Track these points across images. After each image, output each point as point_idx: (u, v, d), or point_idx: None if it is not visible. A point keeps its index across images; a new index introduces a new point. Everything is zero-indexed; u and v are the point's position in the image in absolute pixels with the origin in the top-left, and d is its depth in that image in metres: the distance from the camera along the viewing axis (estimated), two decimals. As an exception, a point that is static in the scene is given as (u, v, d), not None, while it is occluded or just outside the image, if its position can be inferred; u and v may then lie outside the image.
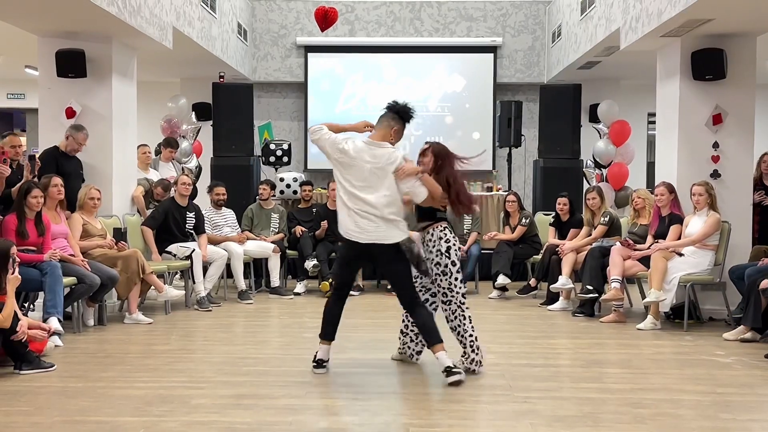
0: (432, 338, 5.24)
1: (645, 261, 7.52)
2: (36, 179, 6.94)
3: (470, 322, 5.49)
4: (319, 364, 5.44)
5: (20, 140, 7.19)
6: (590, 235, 8.47)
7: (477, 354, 5.46)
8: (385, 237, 5.24)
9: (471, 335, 5.46)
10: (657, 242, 7.55)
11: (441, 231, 5.41)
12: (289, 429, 4.22)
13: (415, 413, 4.56)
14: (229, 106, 10.85)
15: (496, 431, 4.27)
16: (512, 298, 9.09)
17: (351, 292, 9.10)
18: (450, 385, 5.07)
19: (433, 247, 5.40)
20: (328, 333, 5.50)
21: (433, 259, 5.40)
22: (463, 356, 5.47)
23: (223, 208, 9.30)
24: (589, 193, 8.68)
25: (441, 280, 5.40)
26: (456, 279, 5.40)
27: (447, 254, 5.37)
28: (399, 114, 5.46)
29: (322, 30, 9.32)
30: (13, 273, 5.49)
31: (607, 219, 8.36)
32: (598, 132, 11.08)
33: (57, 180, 6.98)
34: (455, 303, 5.42)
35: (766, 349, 6.17)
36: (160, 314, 7.86)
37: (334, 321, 5.50)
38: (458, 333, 5.48)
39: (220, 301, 8.63)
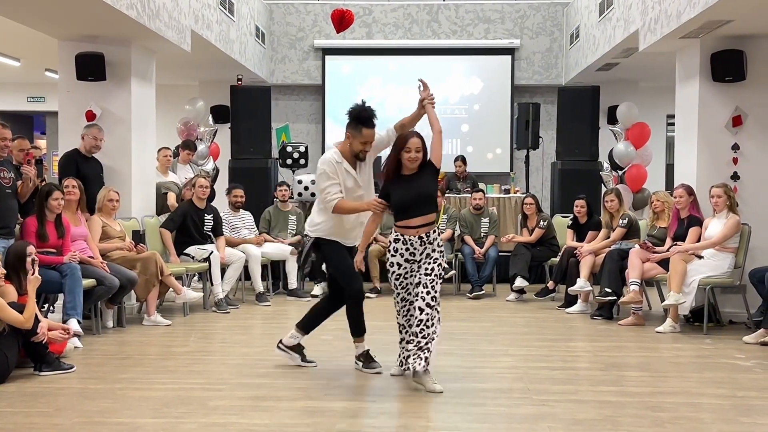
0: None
1: (664, 264, 7.47)
2: (43, 182, 6.99)
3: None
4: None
5: (28, 143, 7.26)
6: (609, 237, 8.43)
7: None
8: None
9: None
10: (676, 245, 7.50)
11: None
12: (307, 431, 4.22)
13: (433, 416, 4.56)
14: (247, 109, 10.90)
15: (514, 434, 4.27)
16: (530, 301, 9.06)
17: (368, 295, 9.21)
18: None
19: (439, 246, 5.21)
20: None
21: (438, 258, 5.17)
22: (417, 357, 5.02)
23: (241, 210, 9.34)
24: (608, 195, 8.63)
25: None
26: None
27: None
28: (356, 119, 5.24)
29: (338, 32, 9.34)
30: (33, 274, 5.54)
31: (625, 221, 8.31)
32: (614, 134, 11.03)
33: (72, 181, 7.04)
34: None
35: (788, 353, 6.12)
36: (179, 316, 7.90)
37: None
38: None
39: (237, 303, 8.65)
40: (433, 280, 5.05)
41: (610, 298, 7.74)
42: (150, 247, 7.94)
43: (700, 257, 7.27)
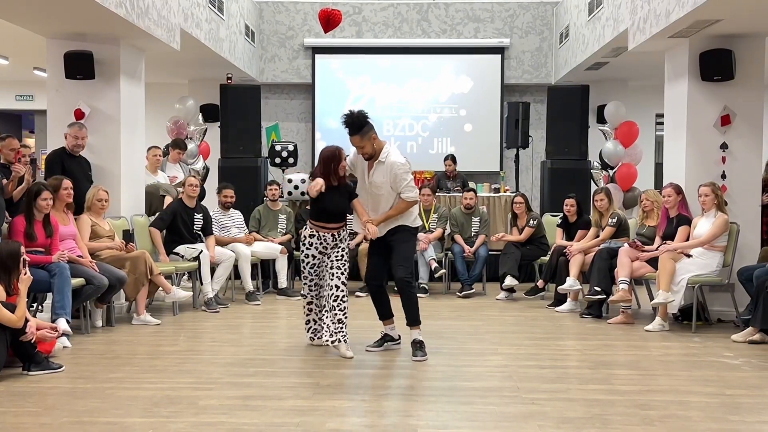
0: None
1: (653, 262, 7.50)
2: (34, 181, 6.95)
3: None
4: (384, 339, 6.35)
5: (17, 143, 7.22)
6: (598, 236, 8.45)
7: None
8: None
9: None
10: (665, 243, 7.53)
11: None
12: (297, 430, 4.22)
13: (423, 414, 4.56)
14: (236, 108, 10.88)
15: (503, 433, 4.28)
16: (520, 300, 9.07)
17: (358, 293, 9.22)
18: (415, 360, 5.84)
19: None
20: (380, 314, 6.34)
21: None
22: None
23: (231, 209, 9.32)
24: (598, 194, 8.65)
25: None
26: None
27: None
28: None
29: (326, 31, 9.33)
30: (25, 273, 5.51)
31: (615, 220, 8.34)
32: (604, 134, 11.06)
33: (67, 183, 7.00)
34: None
35: (775, 351, 6.15)
36: (168, 315, 7.88)
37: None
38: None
39: (227, 303, 8.64)
40: (343, 264, 6.07)
41: (599, 296, 7.76)
42: (139, 246, 7.91)
43: (689, 256, 7.30)
